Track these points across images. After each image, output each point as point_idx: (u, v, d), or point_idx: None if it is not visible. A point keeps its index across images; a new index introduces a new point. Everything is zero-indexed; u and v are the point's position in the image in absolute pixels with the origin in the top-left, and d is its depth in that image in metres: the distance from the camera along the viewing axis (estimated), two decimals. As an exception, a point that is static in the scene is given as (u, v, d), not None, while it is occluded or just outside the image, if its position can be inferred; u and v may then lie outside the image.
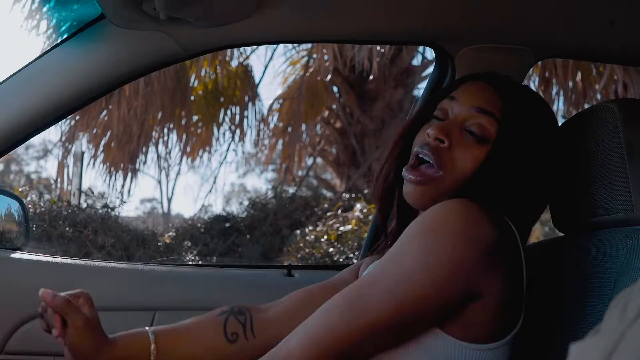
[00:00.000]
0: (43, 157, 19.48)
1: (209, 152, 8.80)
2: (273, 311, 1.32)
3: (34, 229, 4.51)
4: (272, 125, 8.98)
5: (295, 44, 8.36)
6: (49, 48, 1.46)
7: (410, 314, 0.96)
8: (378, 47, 6.72)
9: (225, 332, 1.26)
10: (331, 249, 5.68)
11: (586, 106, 6.12)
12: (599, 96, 6.02)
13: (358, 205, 6.09)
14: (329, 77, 7.84)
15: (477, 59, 1.59)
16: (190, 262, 5.70)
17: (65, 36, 1.47)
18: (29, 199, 5.51)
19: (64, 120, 7.26)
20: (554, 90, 6.35)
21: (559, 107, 6.52)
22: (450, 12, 1.53)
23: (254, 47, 8.62)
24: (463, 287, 0.97)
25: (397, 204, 1.29)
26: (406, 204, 1.20)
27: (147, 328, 1.24)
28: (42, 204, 5.34)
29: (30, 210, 4.91)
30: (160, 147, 8.57)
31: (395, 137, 1.29)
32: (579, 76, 6.14)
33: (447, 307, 0.98)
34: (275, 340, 1.25)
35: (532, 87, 5.85)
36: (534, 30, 1.58)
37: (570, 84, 6.29)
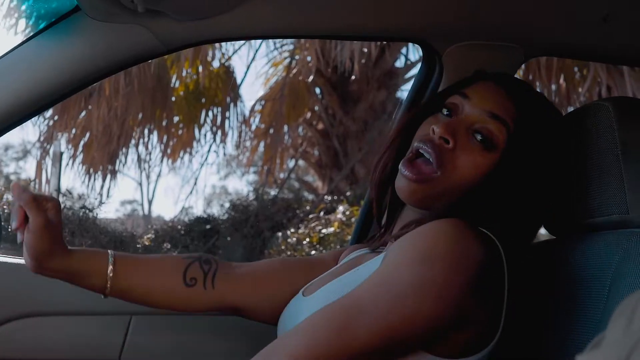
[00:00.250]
0: (22, 158, 19.24)
1: (190, 153, 8.75)
2: (241, 270, 1.30)
3: (9, 230, 4.42)
4: (253, 127, 8.94)
5: (278, 45, 8.36)
6: (20, 41, 1.40)
7: (399, 340, 0.93)
8: (361, 48, 6.69)
9: (184, 275, 1.24)
10: (313, 252, 5.65)
11: (570, 109, 6.14)
12: (582, 99, 6.03)
13: (340, 208, 6.08)
14: (311, 77, 7.82)
15: (465, 56, 1.56)
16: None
17: (38, 29, 1.41)
18: (4, 199, 5.42)
19: (42, 119, 7.18)
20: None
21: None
22: (437, 9, 1.50)
23: (236, 48, 8.61)
24: (453, 314, 0.94)
25: (390, 196, 1.24)
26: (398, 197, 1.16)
27: (108, 251, 1.23)
28: (18, 204, 5.24)
29: (5, 211, 4.82)
30: (141, 148, 8.50)
31: (397, 127, 1.25)
32: (562, 79, 6.15)
33: (436, 333, 0.95)
34: (232, 296, 1.25)
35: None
36: (523, 27, 1.54)
37: (554, 86, 6.31)
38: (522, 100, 1.14)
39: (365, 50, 7.03)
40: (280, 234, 6.44)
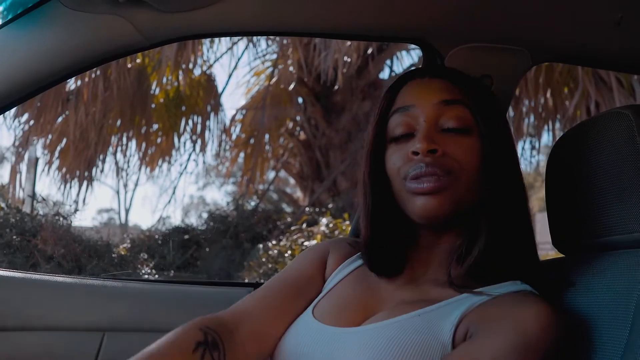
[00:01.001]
0: (-1, 164, 19.01)
1: (169, 162, 8.66)
2: (246, 340, 1.15)
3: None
4: (234, 136, 8.87)
5: (260, 54, 8.31)
6: (-11, 31, 1.28)
7: None
8: (345, 57, 6.65)
9: None
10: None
11: (557, 124, 6.15)
12: (570, 114, 6.02)
13: (324, 220, 6.00)
14: (292, 85, 7.76)
15: (469, 59, 1.47)
16: (146, 277, 5.51)
17: (8, 17, 1.29)
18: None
19: (18, 123, 7.05)
20: (525, 108, 6.34)
21: (529, 122, 6.54)
22: (441, 8, 1.41)
23: (218, 56, 8.56)
24: None
25: (391, 227, 1.16)
26: (402, 227, 1.12)
27: None
28: (-13, 211, 5.13)
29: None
30: (119, 155, 8.38)
31: (367, 179, 1.17)
32: (549, 93, 6.13)
33: None
34: None
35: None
36: (531, 30, 1.46)
37: (536, 102, 6.30)
38: (461, 80, 1.14)
39: (349, 59, 6.98)
40: (261, 245, 6.34)
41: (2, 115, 1.37)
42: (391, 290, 1.12)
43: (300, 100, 8.31)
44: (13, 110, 6.95)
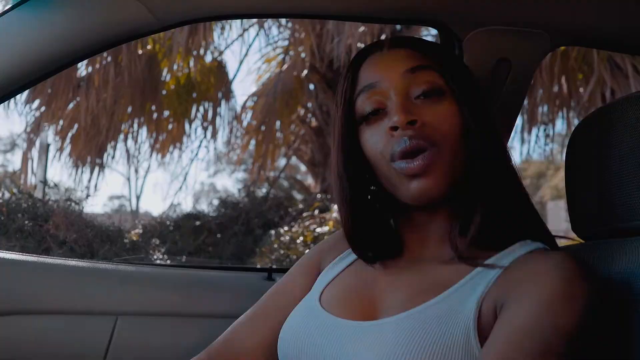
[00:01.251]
0: (10, 151, 19.19)
1: (180, 148, 8.66)
2: None
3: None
4: (245, 123, 8.86)
5: (271, 41, 8.27)
6: (-1, 13, 1.26)
7: None
8: (358, 43, 6.61)
9: None
10: (307, 250, 5.53)
11: (572, 113, 6.09)
12: (585, 101, 5.97)
13: (335, 206, 5.97)
14: (305, 72, 7.72)
15: (487, 42, 1.43)
16: (159, 262, 5.51)
17: (17, 0, 1.27)
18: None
19: (29, 110, 7.06)
20: (539, 95, 6.29)
21: (543, 111, 6.49)
22: (459, -11, 1.37)
23: (229, 43, 8.52)
24: None
25: (374, 218, 1.12)
26: (390, 211, 1.11)
27: None
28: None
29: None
30: (130, 142, 8.39)
31: (341, 169, 1.09)
32: (563, 80, 6.07)
33: None
34: None
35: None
36: (550, 12, 1.42)
37: (551, 89, 6.24)
38: (424, 46, 1.10)
39: (362, 45, 6.93)
40: (273, 231, 6.32)
41: (13, 99, 1.35)
42: (395, 274, 1.07)
43: (311, 86, 8.27)
44: (24, 96, 6.97)
